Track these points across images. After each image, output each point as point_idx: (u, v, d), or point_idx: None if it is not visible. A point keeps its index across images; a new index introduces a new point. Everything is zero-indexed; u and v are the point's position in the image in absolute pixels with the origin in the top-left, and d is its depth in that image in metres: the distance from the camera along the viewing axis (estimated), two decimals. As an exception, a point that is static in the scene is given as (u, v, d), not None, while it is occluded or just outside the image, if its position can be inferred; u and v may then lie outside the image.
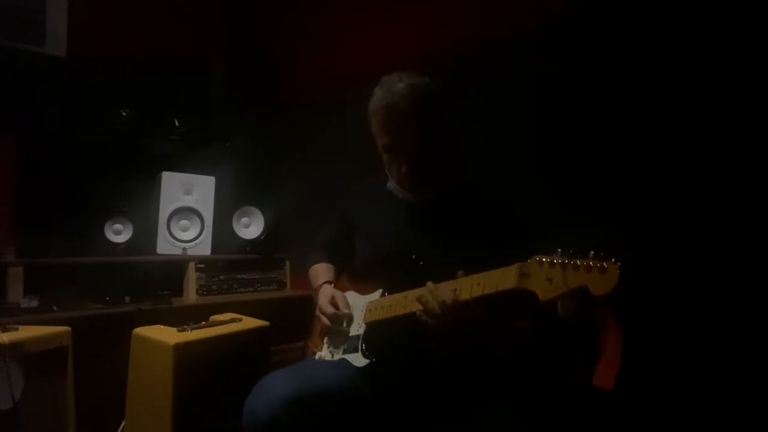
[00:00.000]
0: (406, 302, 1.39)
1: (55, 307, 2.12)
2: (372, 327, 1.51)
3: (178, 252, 2.68)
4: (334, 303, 1.61)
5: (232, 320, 2.09)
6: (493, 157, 2.14)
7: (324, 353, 1.62)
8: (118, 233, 2.56)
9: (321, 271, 1.81)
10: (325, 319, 1.60)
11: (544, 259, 1.08)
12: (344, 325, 1.58)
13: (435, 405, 1.38)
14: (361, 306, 1.58)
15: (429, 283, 1.32)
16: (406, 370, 1.45)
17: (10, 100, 2.37)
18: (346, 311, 1.58)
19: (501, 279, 1.17)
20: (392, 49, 2.60)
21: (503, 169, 2.06)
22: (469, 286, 1.24)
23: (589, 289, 1.01)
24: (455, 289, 1.26)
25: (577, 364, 1.68)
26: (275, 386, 1.35)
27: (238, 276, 2.79)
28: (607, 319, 1.60)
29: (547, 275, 1.07)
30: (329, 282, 1.73)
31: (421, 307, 1.31)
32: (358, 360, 1.48)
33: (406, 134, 1.48)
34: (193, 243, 2.73)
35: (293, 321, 2.12)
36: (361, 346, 1.49)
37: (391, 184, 1.63)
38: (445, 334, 1.32)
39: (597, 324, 1.68)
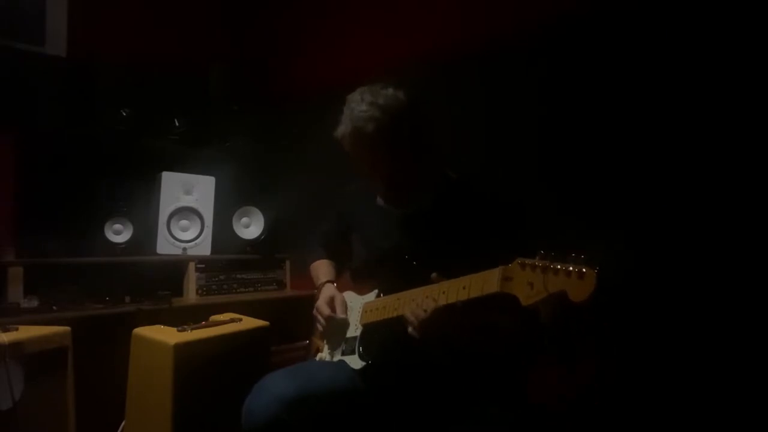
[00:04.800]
0: (399, 304, 1.39)
1: (55, 307, 2.12)
2: (368, 329, 1.51)
3: (178, 252, 2.68)
4: (331, 305, 1.60)
5: (232, 320, 2.09)
6: (488, 157, 2.14)
7: (324, 354, 1.63)
8: (118, 233, 2.56)
9: (323, 269, 1.81)
10: (320, 319, 1.60)
11: (526, 262, 1.08)
12: (340, 329, 1.57)
13: (433, 405, 1.38)
14: (358, 306, 1.58)
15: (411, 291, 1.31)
16: (403, 372, 1.45)
17: (10, 101, 2.37)
18: (342, 316, 1.57)
19: (486, 283, 1.17)
20: (392, 48, 2.60)
21: (497, 168, 2.05)
22: (455, 290, 1.24)
23: (568, 295, 1.00)
24: (433, 298, 1.26)
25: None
26: (275, 386, 1.36)
27: (238, 276, 2.79)
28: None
29: (528, 279, 1.07)
30: (331, 281, 1.73)
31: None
32: (355, 362, 1.48)
33: (378, 157, 1.41)
34: (193, 243, 2.73)
35: (293, 321, 2.13)
36: (358, 349, 1.50)
37: (379, 201, 1.60)
38: (430, 338, 1.31)
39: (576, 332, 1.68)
